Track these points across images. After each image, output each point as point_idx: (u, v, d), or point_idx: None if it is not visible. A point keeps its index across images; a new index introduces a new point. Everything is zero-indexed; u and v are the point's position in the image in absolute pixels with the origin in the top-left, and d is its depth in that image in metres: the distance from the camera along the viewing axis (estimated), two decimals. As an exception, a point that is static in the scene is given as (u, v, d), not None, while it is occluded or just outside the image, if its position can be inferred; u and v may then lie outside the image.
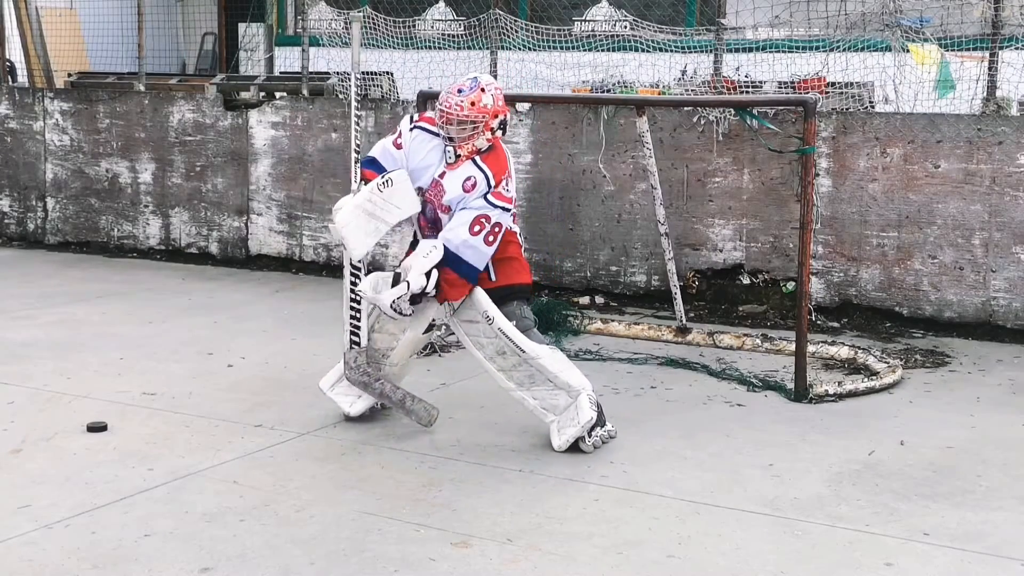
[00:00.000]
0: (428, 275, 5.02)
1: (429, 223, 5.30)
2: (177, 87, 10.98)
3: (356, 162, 5.46)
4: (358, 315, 5.40)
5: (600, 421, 5.18)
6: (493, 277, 5.22)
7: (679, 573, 3.91)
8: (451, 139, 5.16)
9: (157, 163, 10.48)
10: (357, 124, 5.54)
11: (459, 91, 5.13)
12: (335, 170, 9.67)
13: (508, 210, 5.14)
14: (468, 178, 5.12)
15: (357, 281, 5.36)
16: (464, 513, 4.40)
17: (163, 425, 5.45)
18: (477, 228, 5.04)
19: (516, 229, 5.39)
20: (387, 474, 4.83)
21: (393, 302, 5.02)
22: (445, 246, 5.06)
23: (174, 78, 11.98)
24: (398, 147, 5.32)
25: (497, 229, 5.09)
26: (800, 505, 4.54)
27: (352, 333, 5.40)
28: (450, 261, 5.05)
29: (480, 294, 5.17)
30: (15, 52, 11.73)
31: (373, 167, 5.33)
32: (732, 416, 5.79)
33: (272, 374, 6.41)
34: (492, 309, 5.15)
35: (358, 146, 5.50)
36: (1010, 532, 4.29)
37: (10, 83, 11.75)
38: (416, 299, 5.07)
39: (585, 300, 8.56)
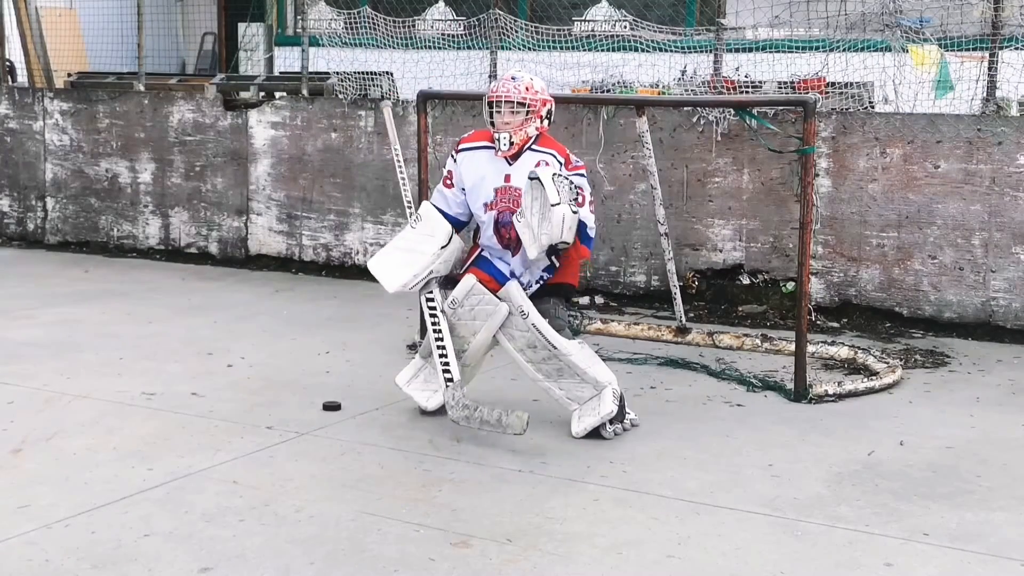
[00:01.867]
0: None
1: (510, 230, 5.37)
2: (177, 87, 10.98)
3: (410, 210, 5.71)
4: (444, 351, 5.36)
5: (620, 415, 5.35)
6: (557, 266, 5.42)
7: (679, 573, 3.91)
8: (504, 125, 5.30)
9: (157, 163, 10.49)
10: (404, 183, 5.83)
11: (512, 78, 5.37)
12: (334, 170, 9.68)
13: (586, 175, 5.38)
14: (537, 163, 5.29)
15: (436, 316, 5.42)
16: (464, 513, 4.40)
17: (163, 425, 5.44)
18: (579, 200, 5.22)
19: None
20: (387, 474, 4.83)
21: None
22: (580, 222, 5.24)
23: (174, 78, 11.98)
24: (449, 186, 5.56)
25: (590, 195, 5.33)
26: (800, 505, 4.53)
27: (444, 370, 5.33)
28: (582, 238, 5.29)
29: (514, 287, 5.31)
30: (15, 52, 11.73)
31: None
32: (732, 416, 5.79)
33: (272, 374, 6.41)
34: (527, 305, 5.29)
35: (409, 202, 5.78)
36: (1010, 532, 4.29)
37: (10, 83, 11.75)
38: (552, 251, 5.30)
39: (585, 300, 8.56)
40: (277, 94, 10.14)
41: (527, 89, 5.31)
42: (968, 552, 4.09)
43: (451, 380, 5.28)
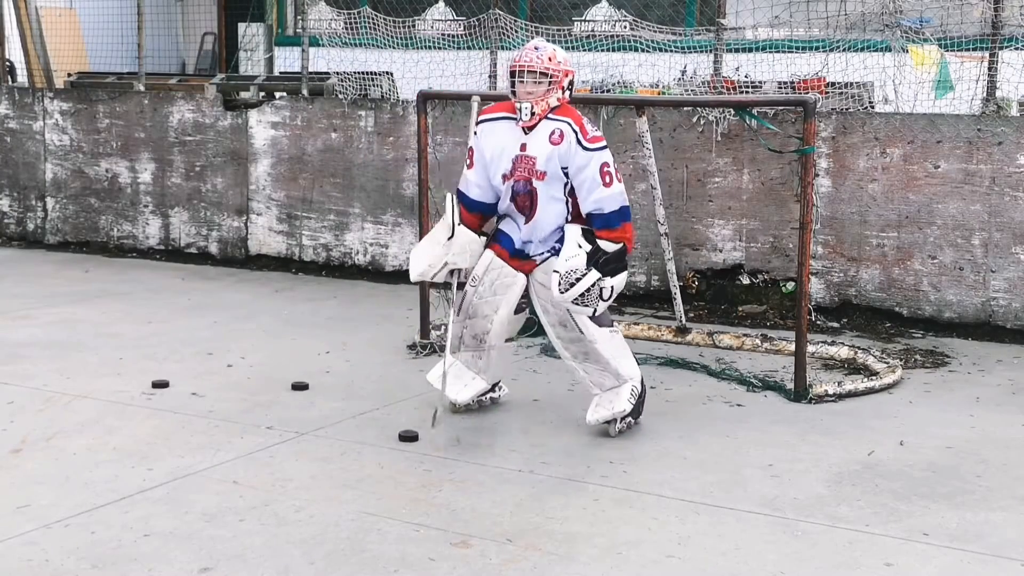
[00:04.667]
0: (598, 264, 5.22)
1: (525, 199, 5.37)
2: (177, 87, 10.98)
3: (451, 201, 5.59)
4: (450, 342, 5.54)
5: (635, 412, 5.40)
6: None
7: (679, 573, 3.91)
8: (527, 95, 5.26)
9: (157, 163, 10.48)
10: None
11: (535, 48, 5.33)
12: (334, 170, 9.68)
13: (607, 146, 5.32)
14: (552, 132, 5.28)
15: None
16: (464, 513, 4.40)
17: (163, 425, 5.45)
18: (607, 179, 5.23)
19: None
20: (387, 474, 4.83)
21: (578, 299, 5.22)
22: (601, 212, 5.22)
23: (174, 78, 11.98)
24: (470, 166, 5.52)
25: (615, 168, 5.29)
26: (800, 505, 4.53)
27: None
28: (613, 222, 5.24)
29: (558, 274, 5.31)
30: (15, 52, 11.73)
31: (461, 200, 5.54)
32: (732, 416, 5.79)
33: (272, 374, 6.41)
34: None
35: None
36: (1010, 532, 4.29)
37: (10, 83, 11.75)
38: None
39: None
40: (277, 94, 10.14)
41: (550, 59, 5.27)
42: (968, 552, 4.09)
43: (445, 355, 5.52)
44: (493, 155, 5.41)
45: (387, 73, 9.85)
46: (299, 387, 6.09)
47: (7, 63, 11.76)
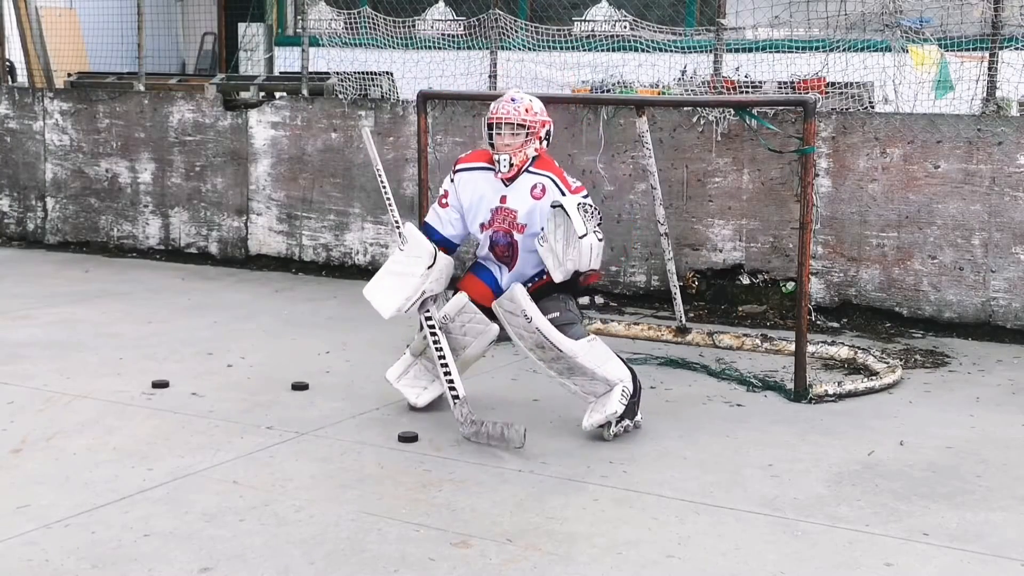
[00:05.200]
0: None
1: (504, 249, 5.50)
2: (177, 87, 10.98)
3: (398, 232, 5.58)
4: (448, 368, 5.37)
5: (630, 413, 5.34)
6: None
7: (679, 573, 3.91)
8: (504, 146, 5.33)
9: (157, 163, 10.49)
10: (390, 203, 5.67)
11: (512, 100, 5.39)
12: (334, 170, 9.68)
13: (588, 194, 5.39)
14: (534, 186, 5.38)
15: (436, 334, 5.44)
16: (464, 513, 4.40)
17: (163, 425, 5.45)
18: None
19: None
20: (387, 474, 4.83)
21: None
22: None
23: (174, 78, 11.99)
24: (444, 205, 5.59)
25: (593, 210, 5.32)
26: (800, 505, 4.54)
27: (450, 387, 5.34)
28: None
29: (519, 291, 5.31)
30: (15, 52, 11.73)
31: (426, 231, 5.61)
32: (732, 416, 5.79)
33: (272, 374, 6.41)
34: (531, 308, 5.28)
35: (397, 222, 5.62)
36: (1010, 532, 4.29)
37: (10, 83, 11.75)
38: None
39: (584, 300, 8.55)
40: (277, 94, 10.14)
41: (527, 111, 5.35)
42: (968, 552, 4.09)
43: (457, 397, 5.30)
44: (471, 204, 5.51)
45: (387, 73, 9.86)
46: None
47: (7, 63, 11.77)
